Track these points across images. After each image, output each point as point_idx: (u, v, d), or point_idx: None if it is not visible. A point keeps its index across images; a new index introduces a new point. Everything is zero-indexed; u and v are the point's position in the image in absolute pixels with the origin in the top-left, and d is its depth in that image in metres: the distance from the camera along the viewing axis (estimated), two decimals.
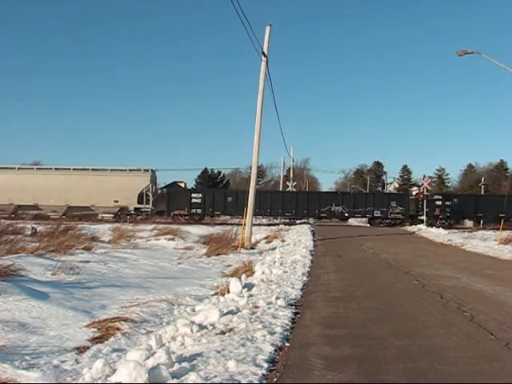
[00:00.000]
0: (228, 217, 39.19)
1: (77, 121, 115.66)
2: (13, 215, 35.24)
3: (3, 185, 37.25)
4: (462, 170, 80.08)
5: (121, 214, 37.46)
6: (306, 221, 39.43)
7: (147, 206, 38.32)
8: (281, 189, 51.49)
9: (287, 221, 39.62)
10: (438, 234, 26.84)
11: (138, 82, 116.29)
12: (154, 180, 40.09)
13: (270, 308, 7.21)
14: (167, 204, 38.73)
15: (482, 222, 37.52)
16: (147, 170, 39.85)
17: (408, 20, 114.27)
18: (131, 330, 6.47)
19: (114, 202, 37.99)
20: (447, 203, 38.08)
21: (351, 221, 45.44)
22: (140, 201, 38.46)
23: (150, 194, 38.66)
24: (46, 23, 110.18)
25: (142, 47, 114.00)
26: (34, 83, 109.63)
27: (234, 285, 8.59)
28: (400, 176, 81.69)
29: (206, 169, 69.89)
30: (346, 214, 38.89)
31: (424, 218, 35.46)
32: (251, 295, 8.28)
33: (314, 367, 4.74)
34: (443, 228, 31.65)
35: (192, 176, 71.85)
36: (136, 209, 38.21)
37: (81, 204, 37.53)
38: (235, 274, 11.18)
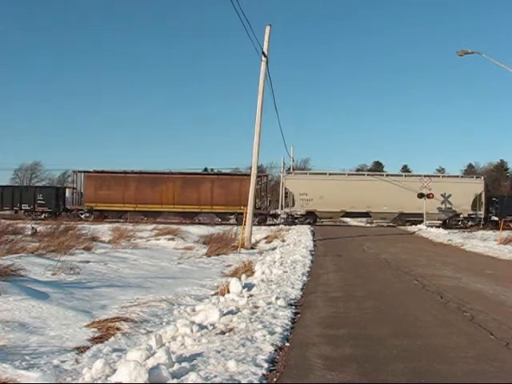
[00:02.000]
0: None
1: (77, 121, 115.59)
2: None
3: (334, 191, 36.44)
4: (462, 169, 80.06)
5: (450, 221, 37.22)
6: None
7: (480, 212, 37.67)
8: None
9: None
10: (438, 234, 26.82)
11: (138, 82, 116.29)
12: (486, 187, 39.51)
13: (269, 308, 7.21)
14: (499, 210, 38.18)
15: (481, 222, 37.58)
16: (479, 177, 40.37)
17: (408, 20, 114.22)
18: (131, 330, 6.48)
19: (448, 208, 37.51)
20: None
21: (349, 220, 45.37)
22: (473, 207, 37.85)
23: (482, 201, 37.96)
24: (46, 23, 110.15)
25: (141, 47, 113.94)
26: (34, 83, 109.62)
27: (234, 285, 8.60)
28: None
29: (205, 169, 69.94)
30: None
31: (424, 217, 35.43)
32: (251, 295, 8.28)
33: (313, 367, 4.75)
34: (443, 228, 31.65)
35: None
36: (469, 215, 37.70)
37: (413, 211, 36.58)
38: (235, 274, 11.18)
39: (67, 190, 41.86)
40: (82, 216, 37.34)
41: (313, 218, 37.63)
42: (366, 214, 38.08)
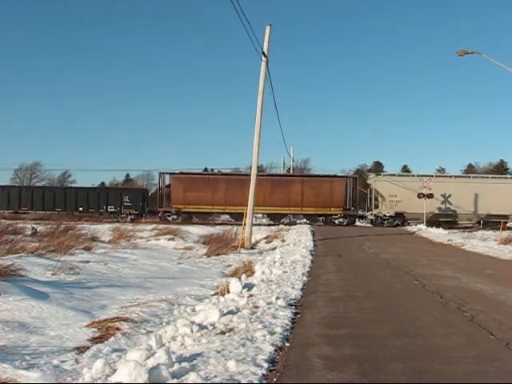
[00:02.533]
0: None
1: (77, 121, 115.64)
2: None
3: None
4: (462, 169, 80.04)
5: None
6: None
7: None
8: None
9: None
10: (438, 234, 26.81)
11: (138, 82, 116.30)
12: None
13: (270, 308, 7.21)
14: None
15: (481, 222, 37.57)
16: None
17: (408, 20, 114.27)
18: (131, 330, 6.47)
19: None
20: None
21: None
22: None
23: None
24: (46, 23, 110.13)
25: (141, 47, 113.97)
26: (34, 83, 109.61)
27: (234, 285, 8.59)
28: None
29: (205, 169, 69.88)
30: None
31: (424, 217, 35.43)
32: (251, 295, 8.27)
33: (313, 367, 4.74)
34: (443, 228, 31.62)
35: None
36: None
37: (500, 212, 36.34)
38: (235, 274, 11.18)
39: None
40: (170, 218, 36.86)
41: (401, 219, 37.71)
42: (453, 215, 37.99)
